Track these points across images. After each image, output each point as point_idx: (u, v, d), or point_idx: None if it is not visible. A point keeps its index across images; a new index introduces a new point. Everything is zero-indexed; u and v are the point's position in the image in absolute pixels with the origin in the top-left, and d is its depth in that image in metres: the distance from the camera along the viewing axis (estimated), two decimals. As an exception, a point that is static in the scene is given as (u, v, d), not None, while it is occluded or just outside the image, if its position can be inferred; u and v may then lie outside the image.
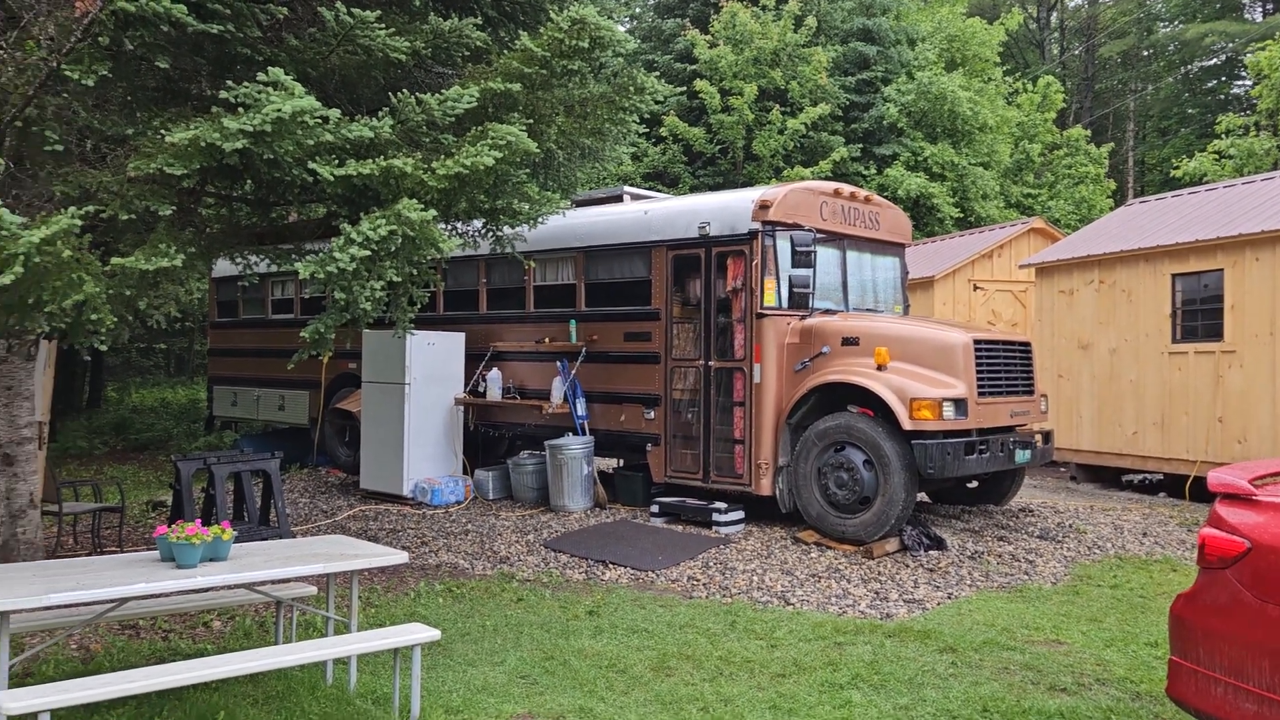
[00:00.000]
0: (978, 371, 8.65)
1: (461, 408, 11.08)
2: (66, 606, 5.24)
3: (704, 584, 7.64)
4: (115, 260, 5.05)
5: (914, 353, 8.70)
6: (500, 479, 10.79)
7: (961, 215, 24.89)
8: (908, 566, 8.04)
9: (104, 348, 5.26)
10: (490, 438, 11.72)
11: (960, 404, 8.42)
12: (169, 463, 14.43)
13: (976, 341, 8.76)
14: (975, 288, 16.69)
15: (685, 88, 24.22)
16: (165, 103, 5.95)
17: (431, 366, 10.79)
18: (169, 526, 5.14)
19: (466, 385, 11.13)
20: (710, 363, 9.49)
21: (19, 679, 5.31)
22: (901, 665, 5.79)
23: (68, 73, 5.04)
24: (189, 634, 6.55)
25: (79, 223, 4.59)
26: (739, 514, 9.24)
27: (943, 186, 24.35)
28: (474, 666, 5.79)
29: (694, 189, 24.30)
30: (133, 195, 5.26)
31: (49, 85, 5.29)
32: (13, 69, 5.36)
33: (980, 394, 8.63)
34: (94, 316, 4.91)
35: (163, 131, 4.99)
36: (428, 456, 10.75)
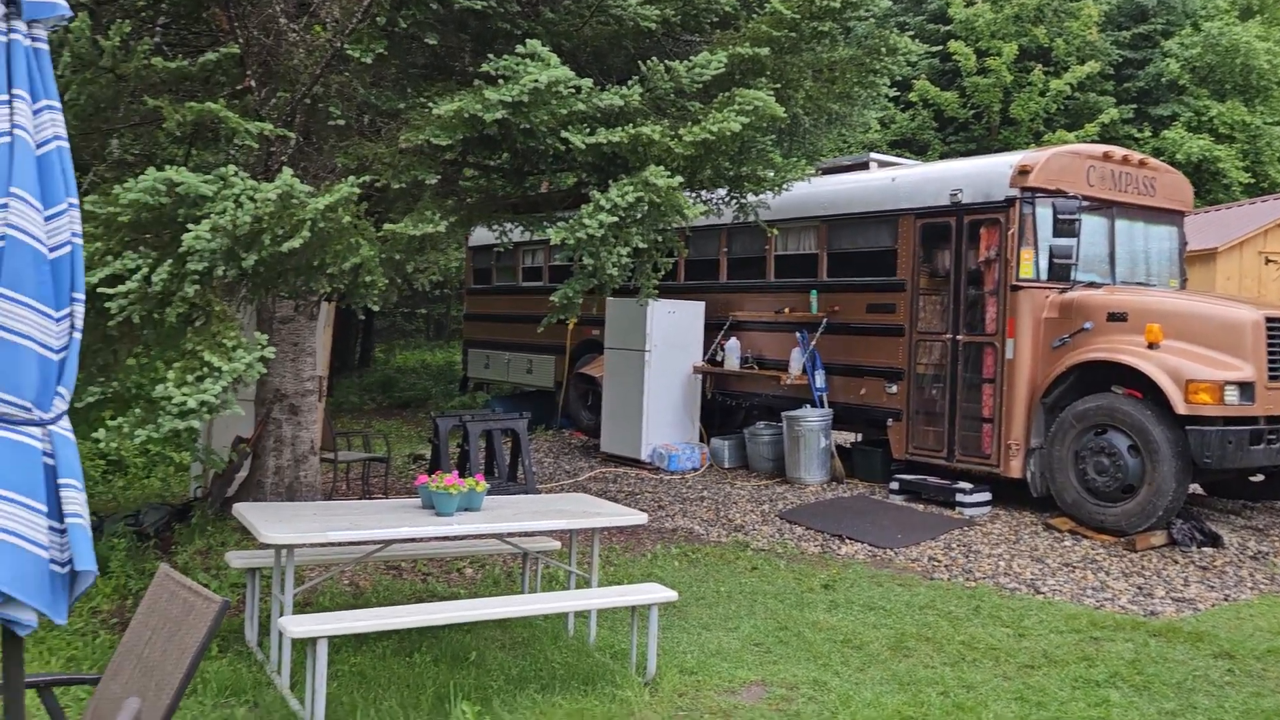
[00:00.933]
0: (1269, 353, 7.78)
1: (699, 376, 11.18)
2: (341, 544, 5.74)
3: (945, 565, 7.34)
4: (387, 226, 5.42)
5: (1192, 330, 7.93)
6: (736, 448, 10.82)
7: (1253, 181, 22.42)
8: (1176, 563, 7.38)
9: (376, 308, 5.66)
10: (727, 407, 11.76)
11: (1246, 388, 7.60)
12: (428, 419, 15.49)
13: (1269, 319, 7.87)
14: (1267, 261, 15.00)
15: (938, 49, 23.15)
16: (432, 78, 6.31)
17: (671, 334, 10.95)
18: (429, 477, 5.50)
19: (705, 354, 11.22)
20: (958, 337, 9.06)
21: (300, 607, 5.86)
22: (1168, 667, 5.32)
23: (350, 52, 5.43)
24: (444, 578, 7.00)
25: (357, 191, 4.94)
26: (985, 495, 8.80)
27: (1230, 149, 22.02)
28: (708, 630, 5.84)
29: (943, 156, 23.23)
30: (403, 165, 5.61)
31: (333, 65, 5.72)
32: (303, 50, 5.84)
33: (1271, 378, 7.75)
34: (368, 278, 5.29)
35: (430, 105, 5.28)
36: (666, 422, 10.94)
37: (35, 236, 2.14)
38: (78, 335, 2.24)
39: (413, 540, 5.55)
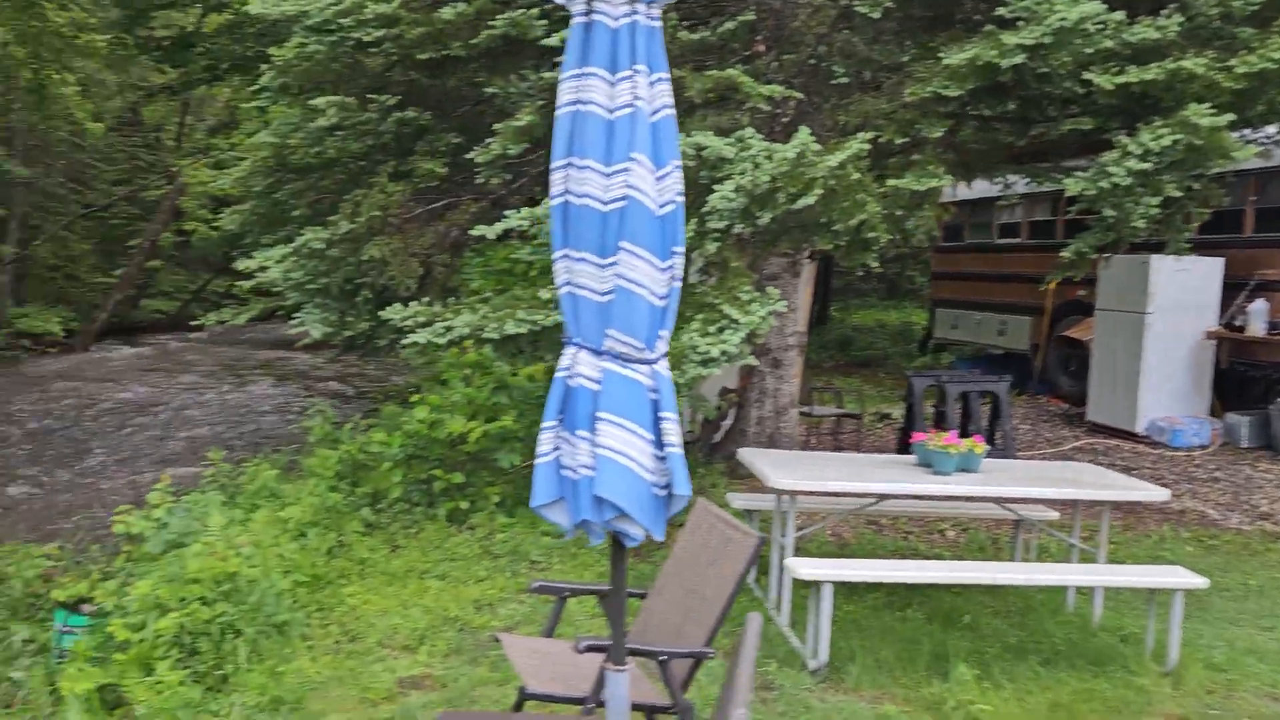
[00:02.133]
0: None
1: (1212, 342, 9.91)
2: (836, 495, 5.89)
3: None
4: (890, 182, 5.41)
5: None
6: (1258, 426, 9.47)
7: None
8: None
9: (875, 264, 5.69)
10: (1246, 378, 10.32)
11: None
12: (888, 379, 15.39)
13: None
14: None
15: None
16: (934, 28, 6.15)
17: (1179, 295, 9.79)
18: (925, 435, 5.45)
19: (1221, 317, 9.91)
20: None
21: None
22: None
23: (857, 8, 5.45)
24: (925, 538, 6.95)
25: (867, 147, 4.97)
26: None
27: None
28: (1236, 625, 5.22)
29: None
30: (906, 120, 5.54)
31: (838, 22, 5.79)
32: (805, 13, 5.98)
33: None
34: (870, 234, 5.32)
35: (940, 55, 5.15)
36: (1167, 392, 9.86)
37: (649, 196, 2.40)
38: (677, 285, 2.49)
39: (908, 496, 5.56)
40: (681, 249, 2.49)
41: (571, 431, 2.46)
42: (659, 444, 2.45)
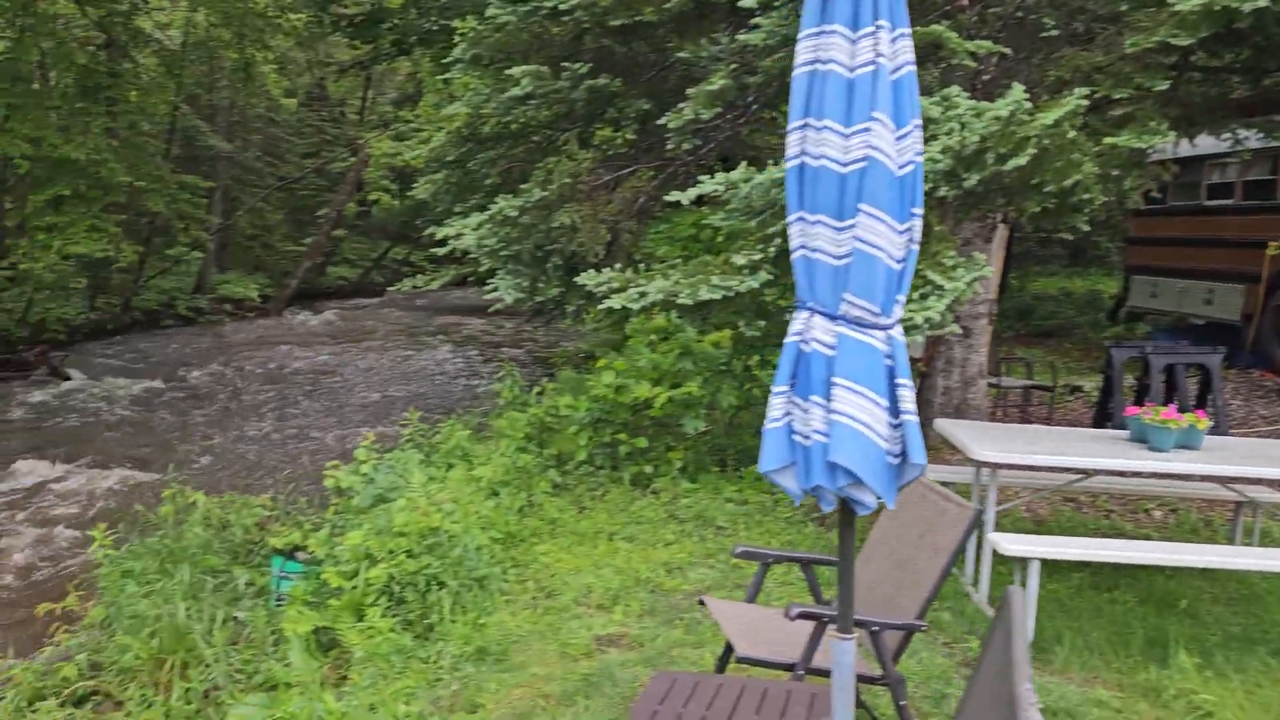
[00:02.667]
0: None
1: None
2: (1033, 469, 5.65)
3: None
4: (1107, 140, 5.09)
5: None
6: None
7: None
8: None
9: (1086, 228, 5.38)
10: None
11: None
12: (1074, 349, 14.65)
13: None
14: None
15: None
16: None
17: None
18: (1139, 409, 5.15)
19: None
20: None
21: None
22: None
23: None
24: (1129, 517, 6.59)
25: (1084, 103, 4.69)
26: None
27: None
28: None
29: None
30: (1125, 73, 5.20)
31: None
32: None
33: None
34: (1084, 196, 5.03)
35: (1169, 2, 4.79)
36: (1403, 368, 8.99)
37: (890, 156, 2.33)
38: (915, 248, 2.42)
39: (1124, 473, 5.27)
40: (920, 210, 2.41)
41: (804, 397, 2.42)
42: (894, 411, 2.39)
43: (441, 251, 7.15)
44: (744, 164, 5.05)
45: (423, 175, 9.13)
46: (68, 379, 15.37)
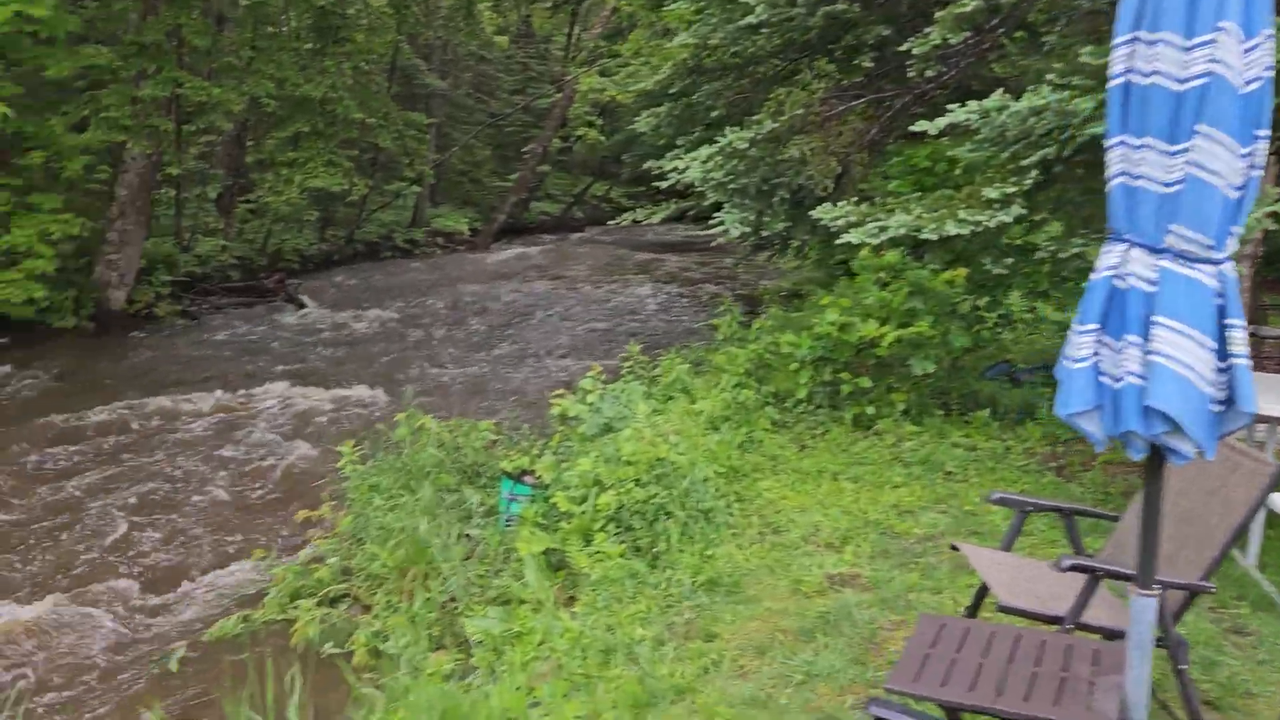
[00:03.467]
0: None
1: None
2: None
3: None
4: None
5: None
6: None
7: None
8: None
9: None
10: None
11: None
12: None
13: None
14: None
15: None
16: None
17: None
18: None
19: None
20: None
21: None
22: None
23: None
24: None
25: None
26: None
27: None
28: None
29: None
30: None
31: None
32: None
33: None
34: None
35: None
36: None
37: (1235, 71, 2.09)
38: (1256, 174, 2.18)
39: None
40: (1266, 133, 2.16)
41: (1117, 336, 2.25)
42: (1222, 354, 2.19)
43: (664, 185, 7.14)
44: (1000, 91, 4.75)
45: (630, 111, 9.14)
46: (302, 306, 16.53)
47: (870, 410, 6.72)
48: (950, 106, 4.87)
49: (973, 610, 3.60)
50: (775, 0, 6.11)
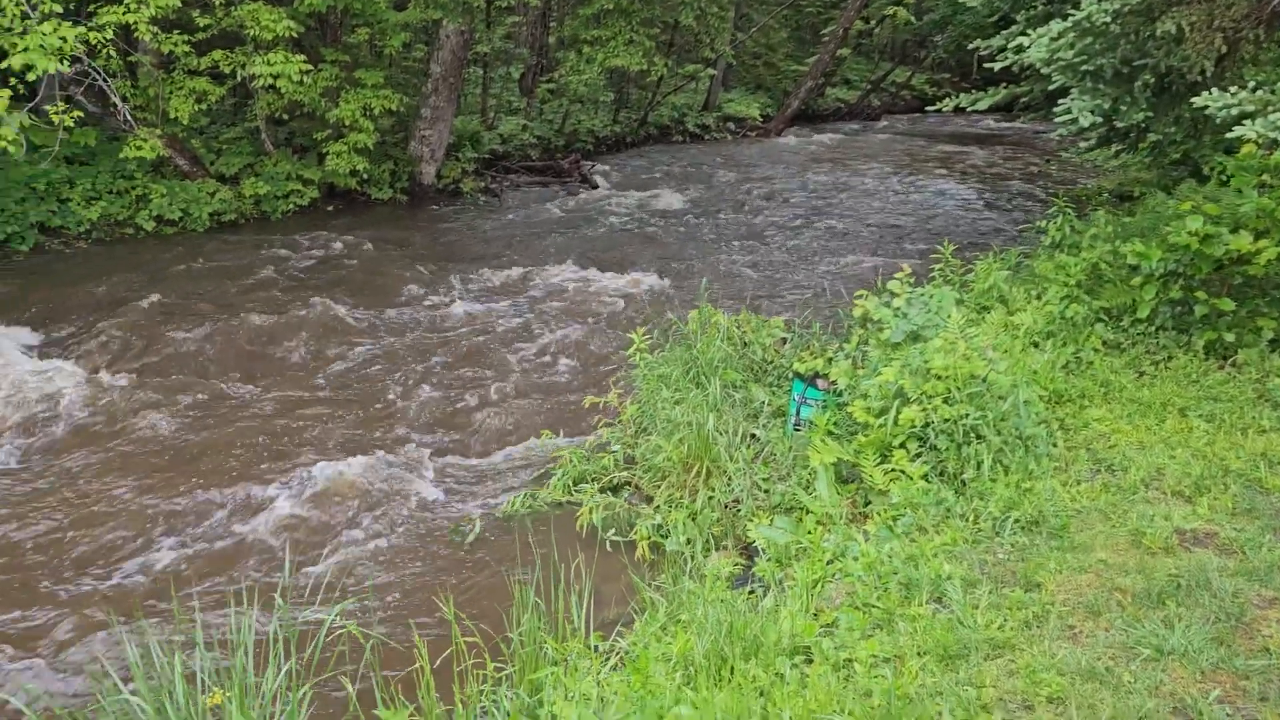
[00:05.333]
0: None
1: None
2: None
3: None
4: None
5: None
6: None
7: None
8: None
9: None
10: None
11: None
12: None
13: None
14: None
15: None
16: None
17: None
18: None
19: None
20: None
21: None
22: None
23: None
24: None
25: None
26: None
27: None
28: None
29: None
30: None
31: None
32: None
33: None
34: None
35: None
36: None
37: None
38: None
39: None
40: None
41: None
42: None
43: (994, 68, 6.30)
44: None
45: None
46: (595, 187, 16.74)
47: (1230, 337, 5.73)
48: None
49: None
50: None
